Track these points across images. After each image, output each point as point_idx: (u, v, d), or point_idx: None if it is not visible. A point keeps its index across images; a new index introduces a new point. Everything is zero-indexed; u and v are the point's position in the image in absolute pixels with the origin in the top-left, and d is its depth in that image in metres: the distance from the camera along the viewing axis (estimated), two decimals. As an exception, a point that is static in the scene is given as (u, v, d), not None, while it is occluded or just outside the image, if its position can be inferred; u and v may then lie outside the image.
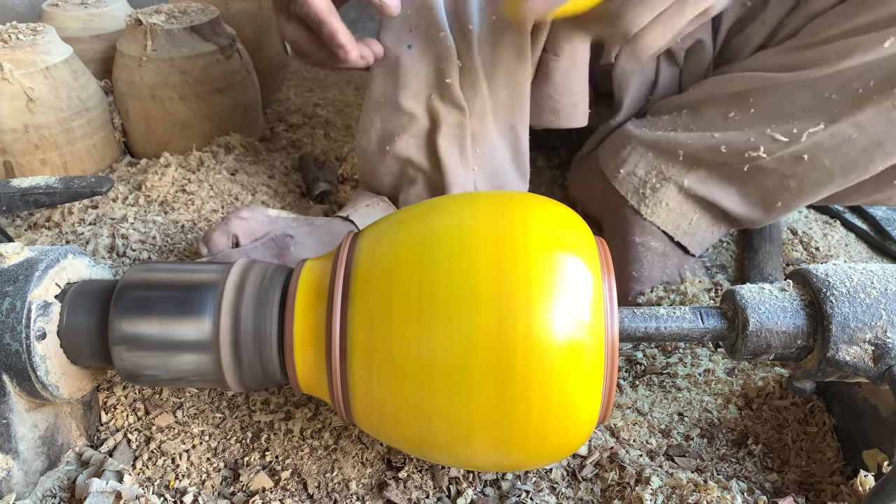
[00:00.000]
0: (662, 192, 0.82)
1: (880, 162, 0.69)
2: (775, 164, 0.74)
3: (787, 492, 0.57)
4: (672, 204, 0.82)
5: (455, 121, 0.73)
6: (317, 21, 0.60)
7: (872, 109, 0.67)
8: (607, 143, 0.89)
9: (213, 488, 0.57)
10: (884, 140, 0.68)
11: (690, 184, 0.80)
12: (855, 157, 0.70)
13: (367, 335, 0.46)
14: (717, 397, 0.68)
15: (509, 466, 0.55)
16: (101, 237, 0.82)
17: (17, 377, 0.50)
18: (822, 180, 0.73)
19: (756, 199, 0.79)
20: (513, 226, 0.47)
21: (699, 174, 0.79)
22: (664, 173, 0.82)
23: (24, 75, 0.94)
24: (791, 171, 0.74)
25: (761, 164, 0.74)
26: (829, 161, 0.71)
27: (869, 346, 0.49)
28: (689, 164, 0.80)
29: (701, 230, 0.83)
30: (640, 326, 0.52)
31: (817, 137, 0.70)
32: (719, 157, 0.77)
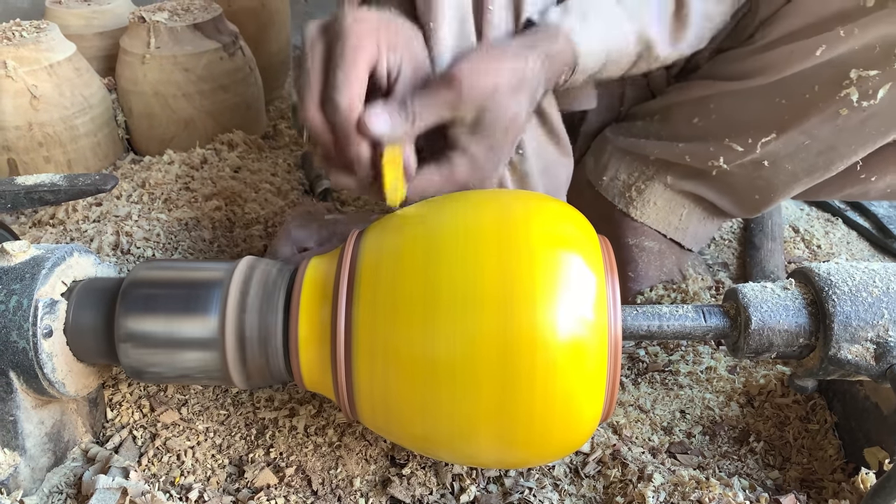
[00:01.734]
0: (648, 192, 0.82)
1: (840, 163, 0.68)
2: (739, 169, 0.74)
3: (789, 489, 0.57)
4: (660, 202, 0.82)
5: None
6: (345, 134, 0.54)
7: (818, 117, 0.65)
8: (590, 151, 0.89)
9: (217, 485, 0.58)
10: (837, 144, 0.67)
11: (673, 181, 0.81)
12: (813, 160, 0.69)
13: (371, 333, 0.46)
14: (718, 395, 0.69)
15: (513, 463, 0.55)
16: (106, 234, 0.83)
17: (23, 374, 0.50)
18: (788, 181, 0.72)
19: (734, 196, 0.79)
20: (516, 224, 0.47)
21: (678, 173, 0.80)
22: (646, 173, 0.82)
23: (27, 73, 0.95)
24: (756, 174, 0.73)
25: (726, 170, 0.75)
26: (790, 165, 0.71)
27: (871, 344, 0.49)
28: (665, 165, 0.81)
29: (692, 224, 0.83)
30: (643, 324, 0.52)
31: (771, 147, 0.70)
32: (686, 164, 0.78)
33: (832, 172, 0.70)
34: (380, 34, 0.53)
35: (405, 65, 0.55)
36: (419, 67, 0.56)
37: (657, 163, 0.81)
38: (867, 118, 0.63)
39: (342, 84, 0.50)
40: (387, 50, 0.53)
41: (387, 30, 0.54)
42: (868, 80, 0.61)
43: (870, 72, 0.61)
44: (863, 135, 0.65)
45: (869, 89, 0.61)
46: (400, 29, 0.55)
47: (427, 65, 0.57)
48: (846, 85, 0.62)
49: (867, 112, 0.63)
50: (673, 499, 0.54)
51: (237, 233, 0.87)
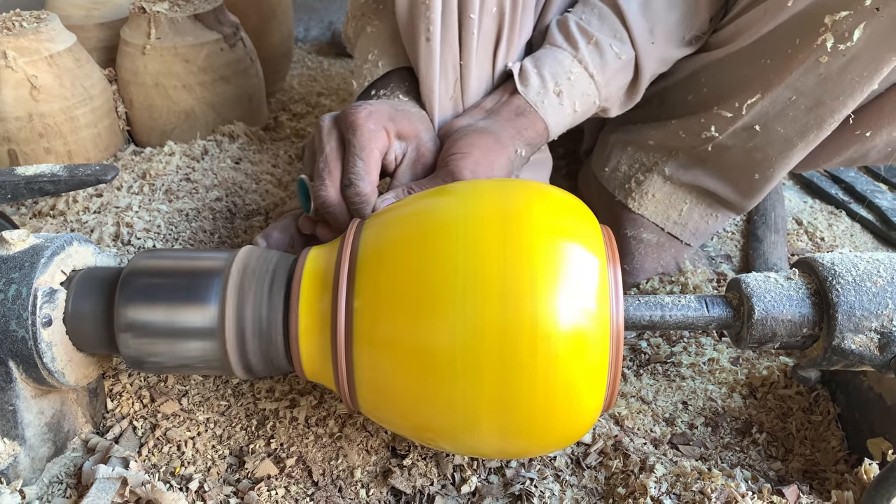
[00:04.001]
0: (647, 184, 0.82)
1: (830, 118, 0.68)
2: (732, 139, 0.74)
3: (791, 480, 0.57)
4: (658, 195, 0.82)
5: None
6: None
7: (799, 69, 0.65)
8: (597, 142, 0.90)
9: (218, 475, 0.58)
10: (823, 97, 0.66)
11: (672, 171, 0.80)
12: (803, 118, 0.69)
13: (372, 323, 0.46)
14: (721, 386, 0.69)
15: (514, 454, 0.55)
16: (106, 225, 0.82)
17: (23, 364, 0.50)
18: (784, 148, 0.72)
19: (734, 177, 0.78)
20: (518, 213, 0.47)
21: (678, 160, 0.79)
22: (645, 164, 0.82)
23: (27, 63, 0.94)
24: (751, 143, 0.73)
25: (720, 143, 0.74)
26: (782, 127, 0.70)
27: (875, 334, 0.49)
28: (664, 152, 0.80)
29: (693, 220, 0.83)
30: (646, 315, 0.52)
31: (758, 108, 0.70)
32: (682, 142, 0.77)
33: (825, 131, 0.69)
34: (390, 125, 0.61)
35: (410, 150, 0.63)
36: (423, 151, 0.64)
37: (656, 150, 0.80)
38: (847, 63, 0.63)
39: (363, 172, 0.58)
40: (396, 139, 0.62)
41: (395, 120, 0.62)
42: (842, 23, 0.61)
43: (841, 13, 0.61)
44: (846, 82, 0.64)
45: (844, 32, 0.61)
46: (407, 117, 0.63)
47: (431, 146, 0.65)
48: (822, 31, 0.63)
49: (847, 56, 0.63)
50: (675, 490, 0.54)
51: (238, 224, 0.87)
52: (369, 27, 0.74)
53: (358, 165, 0.58)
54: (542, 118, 0.67)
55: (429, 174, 0.63)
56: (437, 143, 0.65)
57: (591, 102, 0.70)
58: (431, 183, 0.61)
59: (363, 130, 0.58)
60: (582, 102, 0.69)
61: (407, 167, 0.63)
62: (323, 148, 0.60)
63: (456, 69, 0.67)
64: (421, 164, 0.63)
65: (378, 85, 0.69)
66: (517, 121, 0.67)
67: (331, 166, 0.59)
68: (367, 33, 0.74)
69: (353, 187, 0.57)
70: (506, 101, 0.68)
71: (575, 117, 0.70)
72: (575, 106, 0.69)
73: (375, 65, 0.71)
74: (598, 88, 0.69)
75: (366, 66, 0.71)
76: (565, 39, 0.69)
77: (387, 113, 0.61)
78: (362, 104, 0.61)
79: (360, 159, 0.58)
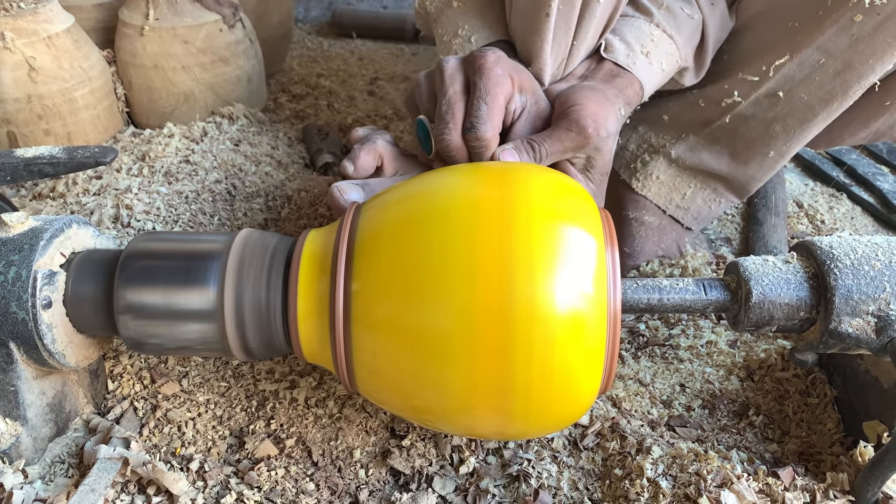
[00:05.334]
0: (652, 165, 0.82)
1: (856, 85, 0.67)
2: (754, 108, 0.74)
3: (787, 462, 0.57)
4: (663, 177, 0.82)
5: None
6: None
7: (832, 28, 0.65)
8: None
9: (218, 455, 0.58)
10: (852, 60, 0.66)
11: (679, 153, 0.80)
12: (829, 84, 0.68)
13: (370, 306, 0.46)
14: (718, 369, 0.69)
15: (511, 435, 0.55)
16: (106, 207, 0.82)
17: (24, 345, 0.51)
18: (805, 117, 0.71)
19: (747, 156, 0.78)
20: (516, 196, 0.47)
21: (687, 142, 0.79)
22: (654, 146, 0.82)
23: (25, 44, 0.94)
24: (772, 113, 0.73)
25: (740, 112, 0.74)
26: (806, 94, 0.70)
27: (872, 318, 0.49)
28: (676, 131, 0.80)
29: (696, 205, 0.83)
30: (643, 298, 0.52)
31: (785, 70, 0.70)
32: (700, 115, 0.77)
33: (849, 99, 0.69)
34: (515, 75, 0.60)
35: (530, 105, 0.62)
36: (541, 106, 0.63)
37: (668, 128, 0.80)
38: (881, 22, 0.63)
39: (486, 117, 0.57)
40: (518, 90, 0.61)
41: (519, 72, 0.61)
42: None
43: None
44: (878, 43, 0.64)
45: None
46: (527, 74, 0.63)
47: (544, 105, 0.63)
48: None
49: (881, 15, 0.63)
50: (671, 471, 0.54)
51: (238, 206, 0.87)
52: (455, 1, 0.72)
53: (482, 109, 0.57)
54: (637, 77, 0.67)
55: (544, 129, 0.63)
56: (549, 105, 0.64)
57: (675, 62, 0.71)
58: (553, 134, 0.60)
59: (491, 74, 0.57)
60: (668, 62, 0.70)
61: (525, 121, 0.62)
62: (446, 90, 0.59)
63: (567, 47, 0.66)
64: (540, 119, 0.63)
65: None
66: (615, 81, 0.67)
67: (454, 108, 0.58)
68: (454, 7, 0.72)
69: (475, 130, 0.57)
70: (595, 67, 0.68)
71: (663, 76, 0.71)
72: (663, 65, 0.69)
73: (468, 39, 0.70)
74: (679, 48, 0.70)
75: (455, 41, 0.70)
76: (637, 10, 0.70)
77: (511, 63, 0.61)
78: (490, 49, 0.60)
79: (484, 103, 0.57)
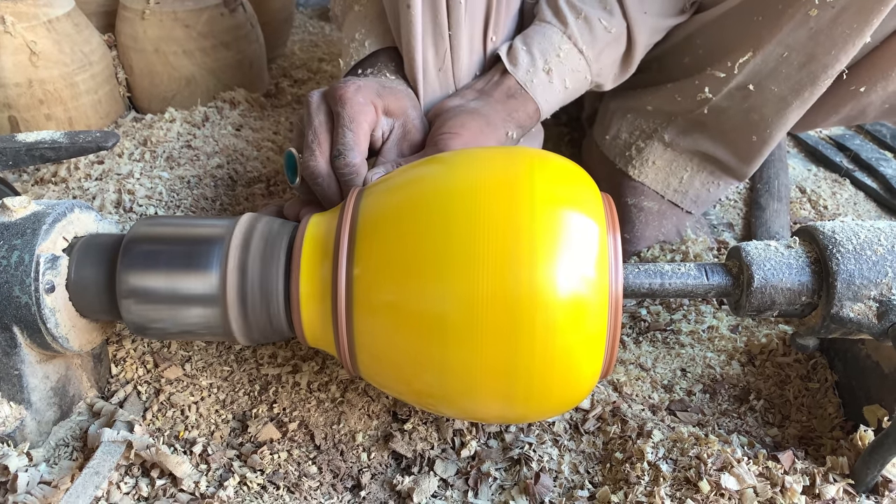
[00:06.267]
0: (647, 151, 0.82)
1: (823, 74, 0.67)
2: (727, 101, 0.74)
3: (787, 446, 0.58)
4: (659, 162, 0.82)
5: None
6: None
7: (790, 24, 0.65)
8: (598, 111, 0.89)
9: (221, 439, 0.59)
10: (815, 52, 0.66)
11: (672, 137, 0.80)
12: (797, 75, 0.68)
13: (371, 289, 0.46)
14: (720, 354, 0.69)
15: (513, 419, 0.56)
16: (108, 192, 0.82)
17: (27, 329, 0.51)
18: (779, 107, 0.71)
19: (732, 139, 0.78)
20: (519, 181, 0.47)
21: (677, 125, 0.79)
22: (645, 131, 0.82)
23: (26, 28, 0.94)
24: (746, 104, 0.73)
25: (716, 104, 0.74)
26: (776, 86, 0.70)
27: (873, 303, 0.49)
28: (663, 118, 0.80)
29: (694, 187, 0.83)
30: (645, 283, 0.52)
31: (751, 66, 0.69)
32: (679, 106, 0.77)
33: (819, 88, 0.69)
34: (378, 100, 0.61)
35: (397, 127, 0.64)
36: (409, 128, 0.64)
37: (655, 115, 0.80)
38: (837, 15, 0.63)
39: (352, 143, 0.58)
40: (383, 115, 0.62)
41: (383, 96, 0.62)
42: None
43: None
44: (837, 35, 0.64)
45: None
46: (395, 93, 0.64)
47: (418, 124, 0.65)
48: None
49: (836, 8, 0.62)
50: (672, 455, 0.55)
51: (239, 191, 0.87)
52: (357, 6, 0.73)
53: (347, 136, 0.58)
54: (533, 98, 0.67)
55: (415, 152, 0.64)
56: (424, 122, 0.65)
57: (583, 78, 0.70)
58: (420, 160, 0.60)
59: (352, 103, 0.59)
60: (573, 79, 0.69)
61: (393, 144, 0.63)
62: (312, 121, 0.60)
63: (445, 39, 0.66)
64: (407, 142, 0.64)
65: (365, 64, 0.69)
66: (508, 103, 0.67)
67: (320, 138, 0.59)
68: (355, 11, 0.73)
69: (343, 157, 0.58)
70: (497, 81, 0.68)
71: (566, 94, 0.70)
72: (566, 83, 0.69)
73: (362, 44, 0.70)
74: (589, 64, 0.69)
75: (353, 45, 0.71)
76: (554, 15, 0.69)
77: (375, 89, 0.62)
78: (350, 79, 0.61)
79: (349, 130, 0.58)
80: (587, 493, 0.54)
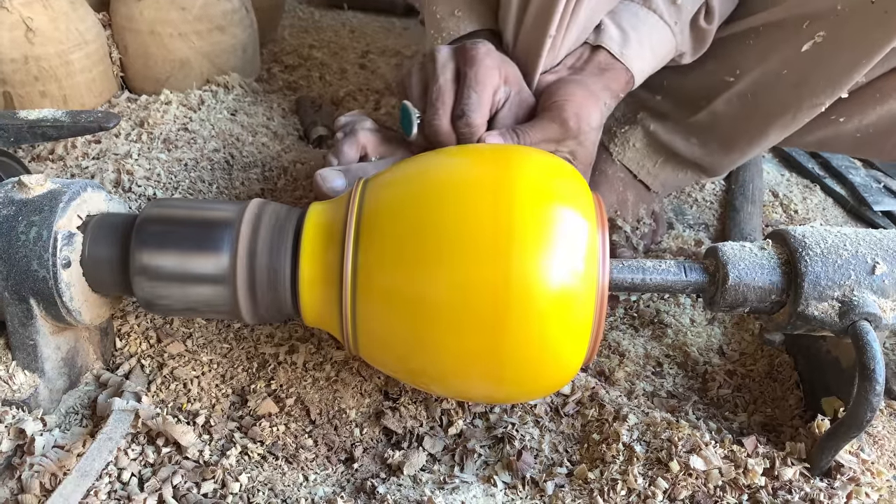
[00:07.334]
0: (630, 133, 0.87)
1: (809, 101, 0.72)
2: (726, 107, 0.79)
3: (751, 432, 0.62)
4: (639, 146, 0.87)
5: None
6: None
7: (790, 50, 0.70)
8: None
9: (222, 412, 0.61)
10: (808, 76, 0.71)
11: (656, 128, 0.86)
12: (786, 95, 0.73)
13: (374, 275, 0.49)
14: (696, 345, 0.73)
15: (499, 399, 0.59)
16: (107, 172, 0.84)
17: (43, 302, 0.53)
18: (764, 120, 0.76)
19: (714, 147, 0.83)
20: (511, 178, 0.49)
21: (666, 125, 0.85)
22: (637, 118, 0.87)
23: (22, 4, 0.94)
24: (739, 113, 0.78)
25: (715, 108, 0.79)
26: (770, 99, 0.75)
27: (836, 302, 0.53)
28: (658, 115, 0.85)
29: (665, 173, 0.88)
30: (628, 277, 0.55)
31: (753, 76, 0.75)
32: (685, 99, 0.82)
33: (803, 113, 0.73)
34: (501, 67, 0.64)
35: (513, 95, 0.65)
36: (525, 98, 0.67)
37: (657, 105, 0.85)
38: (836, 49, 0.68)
39: (476, 105, 0.61)
40: (504, 82, 0.64)
41: (505, 64, 0.65)
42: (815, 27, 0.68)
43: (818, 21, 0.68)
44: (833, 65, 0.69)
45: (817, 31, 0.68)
46: (513, 66, 0.66)
47: (527, 96, 0.67)
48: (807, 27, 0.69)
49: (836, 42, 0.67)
50: (645, 437, 0.59)
51: (235, 175, 0.89)
52: None
53: (472, 98, 0.60)
54: (628, 68, 0.70)
55: (527, 119, 0.66)
56: (532, 96, 0.68)
57: (670, 48, 0.73)
58: (537, 125, 0.64)
59: (481, 65, 0.61)
60: (661, 48, 0.73)
61: (509, 110, 0.65)
62: (437, 78, 0.62)
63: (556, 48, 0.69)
64: (523, 109, 0.66)
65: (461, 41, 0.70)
66: (603, 75, 0.70)
67: (445, 96, 0.61)
68: None
69: (466, 118, 0.60)
70: (587, 58, 0.71)
71: (655, 63, 0.73)
72: (655, 53, 0.72)
73: (462, 21, 0.72)
74: (674, 34, 0.73)
75: (451, 20, 0.73)
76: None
77: (499, 56, 0.64)
78: (481, 41, 0.63)
79: (474, 92, 0.60)
80: (565, 471, 0.58)
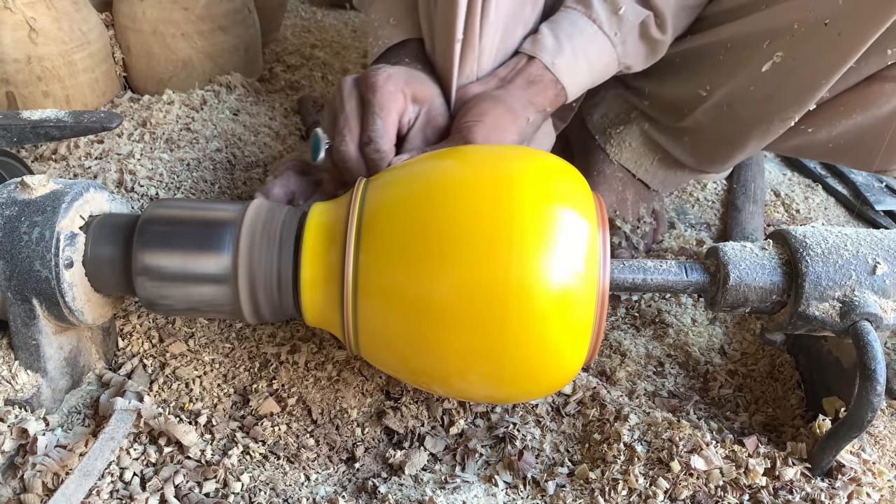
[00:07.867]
0: (626, 132, 0.87)
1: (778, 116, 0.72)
2: (704, 117, 0.79)
3: (752, 432, 0.62)
4: (635, 145, 0.88)
5: None
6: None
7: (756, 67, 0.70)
8: None
9: (224, 411, 0.61)
10: (774, 94, 0.71)
11: (649, 129, 0.86)
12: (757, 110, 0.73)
13: (375, 277, 0.49)
14: (697, 345, 0.73)
15: (500, 399, 0.59)
16: (110, 172, 0.84)
17: (46, 302, 0.53)
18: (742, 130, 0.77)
19: (702, 152, 0.84)
20: (512, 178, 0.50)
21: (658, 126, 0.85)
22: (631, 117, 0.87)
23: (26, 4, 0.94)
24: (717, 123, 0.78)
25: (696, 117, 0.79)
26: (745, 112, 0.75)
27: (837, 302, 0.53)
28: (649, 118, 0.86)
29: (662, 170, 0.89)
30: (629, 277, 0.55)
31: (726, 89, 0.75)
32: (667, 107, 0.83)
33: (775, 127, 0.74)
34: (406, 88, 0.64)
35: (423, 113, 0.66)
36: (434, 115, 0.67)
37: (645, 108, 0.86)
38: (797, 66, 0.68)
39: (382, 131, 0.61)
40: (412, 101, 0.65)
41: (411, 84, 0.65)
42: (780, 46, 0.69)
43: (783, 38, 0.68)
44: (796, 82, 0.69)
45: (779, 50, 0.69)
46: (422, 81, 0.66)
47: (442, 111, 0.67)
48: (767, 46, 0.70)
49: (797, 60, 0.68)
50: (646, 437, 0.59)
51: (237, 175, 0.89)
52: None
53: (377, 124, 0.61)
54: (558, 80, 0.69)
55: (439, 139, 0.66)
56: (447, 110, 0.68)
57: (610, 60, 0.72)
58: (445, 147, 0.63)
59: (383, 92, 0.62)
60: (599, 61, 0.71)
61: (418, 130, 0.66)
62: (343, 107, 0.63)
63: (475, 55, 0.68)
64: (432, 128, 0.66)
65: (394, 50, 0.71)
66: (529, 89, 0.69)
67: (351, 124, 0.62)
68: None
69: (373, 144, 0.61)
70: (521, 68, 0.70)
71: (594, 76, 0.72)
72: (592, 65, 0.71)
73: (396, 29, 0.73)
74: (615, 46, 0.71)
75: (386, 29, 0.73)
76: (578, 2, 0.71)
77: (404, 77, 0.64)
78: (382, 67, 0.64)
79: (379, 118, 0.61)
80: (567, 470, 0.58)
